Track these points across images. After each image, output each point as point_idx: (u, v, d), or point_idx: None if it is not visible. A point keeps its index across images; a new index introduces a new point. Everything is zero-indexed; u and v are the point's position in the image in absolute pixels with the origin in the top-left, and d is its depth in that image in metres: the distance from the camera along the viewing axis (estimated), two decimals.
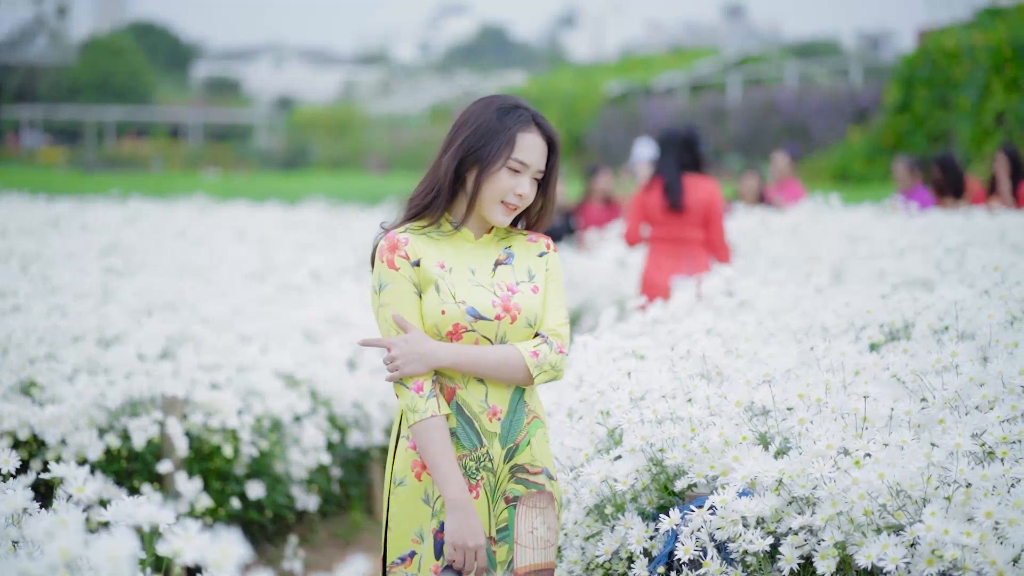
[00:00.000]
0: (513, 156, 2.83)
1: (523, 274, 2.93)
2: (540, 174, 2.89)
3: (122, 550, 1.77)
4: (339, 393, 5.78)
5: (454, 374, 2.85)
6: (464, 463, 2.85)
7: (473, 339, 2.84)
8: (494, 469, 2.88)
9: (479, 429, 2.86)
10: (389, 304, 2.82)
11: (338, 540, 5.79)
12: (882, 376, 3.43)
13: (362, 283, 7.97)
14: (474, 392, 2.85)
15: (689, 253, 7.44)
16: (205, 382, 5.02)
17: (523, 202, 2.88)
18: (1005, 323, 3.79)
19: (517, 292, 2.89)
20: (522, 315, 2.87)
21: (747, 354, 3.68)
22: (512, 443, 2.89)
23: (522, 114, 2.87)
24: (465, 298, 2.84)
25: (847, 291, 5.08)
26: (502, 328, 2.86)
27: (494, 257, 2.93)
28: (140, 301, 5.93)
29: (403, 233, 2.87)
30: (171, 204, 13.43)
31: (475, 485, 2.86)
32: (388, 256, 2.85)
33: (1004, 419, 2.95)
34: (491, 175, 2.83)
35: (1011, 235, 6.95)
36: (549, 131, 2.90)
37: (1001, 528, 2.63)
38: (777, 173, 11.69)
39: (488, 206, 2.87)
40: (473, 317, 2.83)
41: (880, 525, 2.79)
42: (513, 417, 2.89)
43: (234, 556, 1.79)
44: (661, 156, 7.41)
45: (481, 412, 2.86)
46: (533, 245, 2.99)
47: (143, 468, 4.84)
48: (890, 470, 2.77)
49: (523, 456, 2.91)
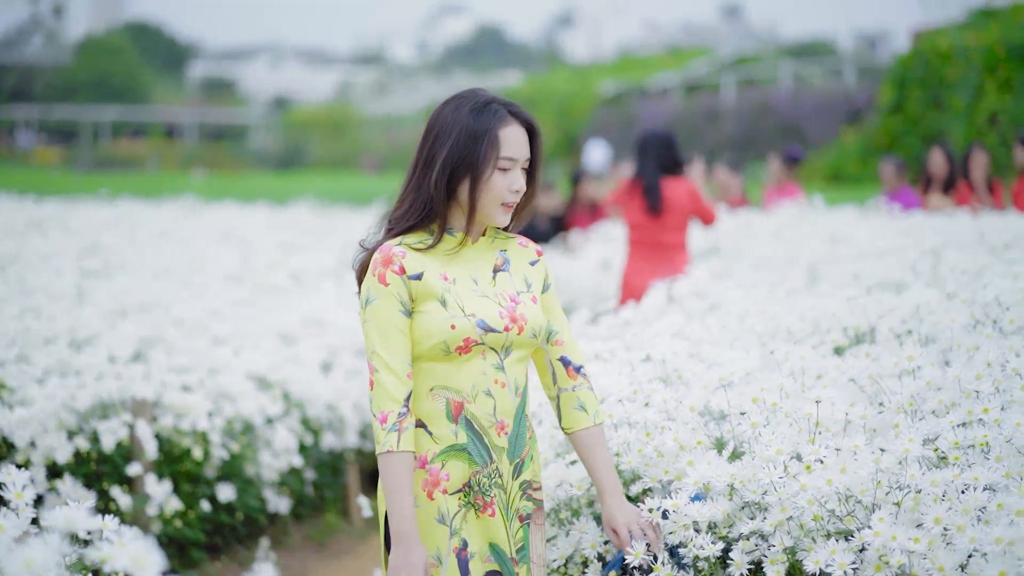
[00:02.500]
0: (501, 155, 2.75)
1: (521, 283, 2.87)
2: (527, 163, 2.82)
3: (38, 558, 1.76)
4: (313, 395, 5.77)
5: (462, 386, 2.75)
6: (478, 480, 2.76)
7: (481, 351, 2.76)
8: (504, 486, 2.80)
9: (489, 444, 2.77)
10: (371, 320, 2.73)
11: (312, 543, 5.77)
12: (842, 380, 3.42)
13: (343, 285, 7.96)
14: (483, 405, 2.76)
15: (668, 257, 7.46)
16: (176, 384, 5.01)
17: (519, 196, 2.81)
18: (969, 326, 3.79)
19: (520, 303, 2.83)
20: (528, 326, 2.80)
21: (709, 358, 3.68)
22: (518, 458, 2.82)
23: (497, 110, 2.78)
24: (474, 310, 2.75)
25: (817, 294, 5.08)
26: (510, 339, 2.78)
27: (491, 263, 2.86)
28: (115, 303, 5.91)
29: (399, 246, 2.77)
30: (159, 205, 13.41)
31: (490, 503, 2.77)
32: (380, 270, 2.74)
33: (957, 424, 2.93)
34: (484, 181, 2.75)
35: (989, 237, 6.94)
36: (526, 118, 2.82)
37: (950, 534, 2.62)
38: (773, 176, 11.65)
39: (489, 212, 2.79)
40: (483, 330, 2.74)
41: (830, 531, 2.78)
42: (518, 430, 2.82)
43: (150, 565, 1.77)
44: (641, 159, 7.41)
45: (490, 426, 2.77)
46: (524, 251, 2.93)
47: (113, 471, 4.83)
48: (839, 475, 2.76)
49: (528, 471, 2.85)
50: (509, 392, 2.79)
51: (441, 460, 2.74)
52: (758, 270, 7.30)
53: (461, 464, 2.75)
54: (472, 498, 2.76)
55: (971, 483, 2.70)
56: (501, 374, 2.78)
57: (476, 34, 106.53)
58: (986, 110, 17.80)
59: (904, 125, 20.15)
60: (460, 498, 2.75)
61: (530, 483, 2.85)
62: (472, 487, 2.76)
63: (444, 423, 2.75)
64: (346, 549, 5.70)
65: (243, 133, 49.01)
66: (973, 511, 2.63)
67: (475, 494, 2.76)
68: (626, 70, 36.26)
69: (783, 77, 28.75)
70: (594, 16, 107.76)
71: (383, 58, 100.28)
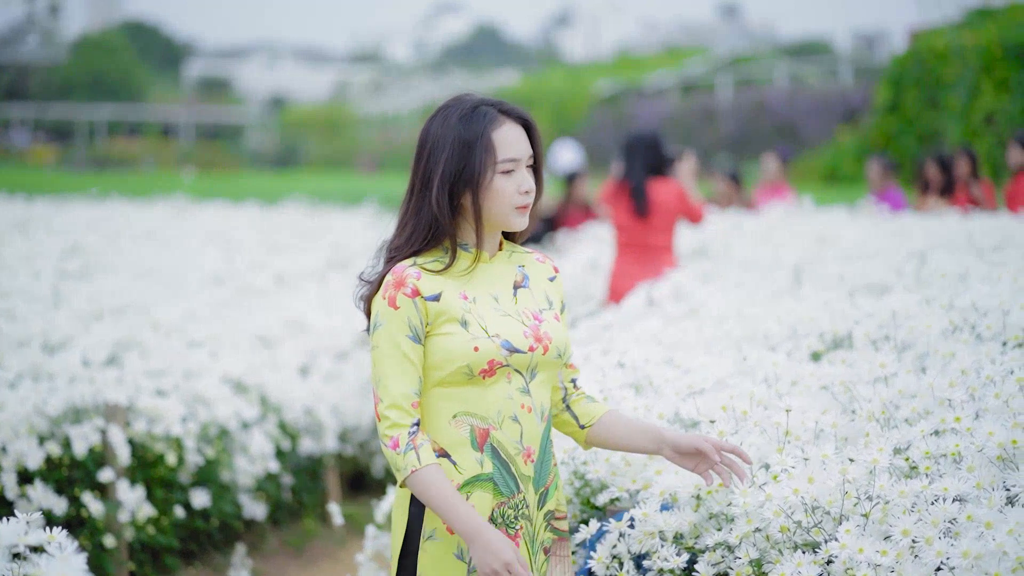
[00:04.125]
0: (500, 159, 2.61)
1: (543, 300, 2.73)
2: (531, 159, 2.66)
3: None
4: (290, 399, 5.70)
5: (488, 412, 2.59)
6: (503, 511, 2.59)
7: (506, 374, 2.60)
8: (531, 517, 2.64)
9: (515, 473, 2.61)
10: (378, 347, 2.58)
11: (290, 548, 5.72)
12: (816, 387, 3.36)
13: (327, 286, 7.90)
14: (509, 432, 2.60)
15: (654, 259, 7.41)
16: (150, 388, 4.95)
17: (531, 197, 2.65)
18: (948, 332, 3.73)
19: (543, 320, 2.68)
20: (553, 345, 2.66)
21: (683, 364, 3.62)
22: (543, 487, 2.67)
23: (486, 112, 2.63)
24: (498, 331, 2.60)
25: (799, 297, 5.02)
26: (535, 360, 2.63)
27: (511, 279, 2.71)
28: (91, 305, 5.85)
29: (413, 267, 2.60)
30: (151, 205, 13.33)
31: (515, 535, 2.61)
32: (391, 293, 2.57)
33: (929, 432, 2.88)
34: (488, 189, 2.61)
35: (978, 239, 6.89)
36: (519, 114, 2.67)
37: (918, 546, 2.56)
38: (767, 176, 11.60)
39: (502, 218, 2.63)
40: (508, 351, 2.59)
41: (797, 543, 2.73)
42: (543, 457, 2.66)
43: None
44: (627, 161, 7.37)
45: (517, 454, 2.61)
46: (542, 267, 2.78)
47: (85, 476, 4.77)
48: (806, 485, 2.71)
49: (552, 501, 2.71)
50: (535, 417, 2.64)
51: (466, 492, 2.57)
52: (746, 271, 7.25)
53: (486, 495, 2.58)
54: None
55: (941, 494, 2.64)
56: (527, 398, 2.63)
57: (473, 33, 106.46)
58: (982, 110, 17.75)
59: (900, 125, 20.10)
60: None
61: (553, 513, 2.71)
62: (495, 520, 2.59)
63: (469, 451, 2.59)
64: (325, 554, 5.64)
65: (239, 132, 48.94)
66: (942, 523, 2.57)
67: (499, 527, 2.59)
68: (623, 70, 36.20)
69: (779, 77, 28.70)
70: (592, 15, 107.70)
71: (380, 57, 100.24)
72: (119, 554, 4.74)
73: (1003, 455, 2.75)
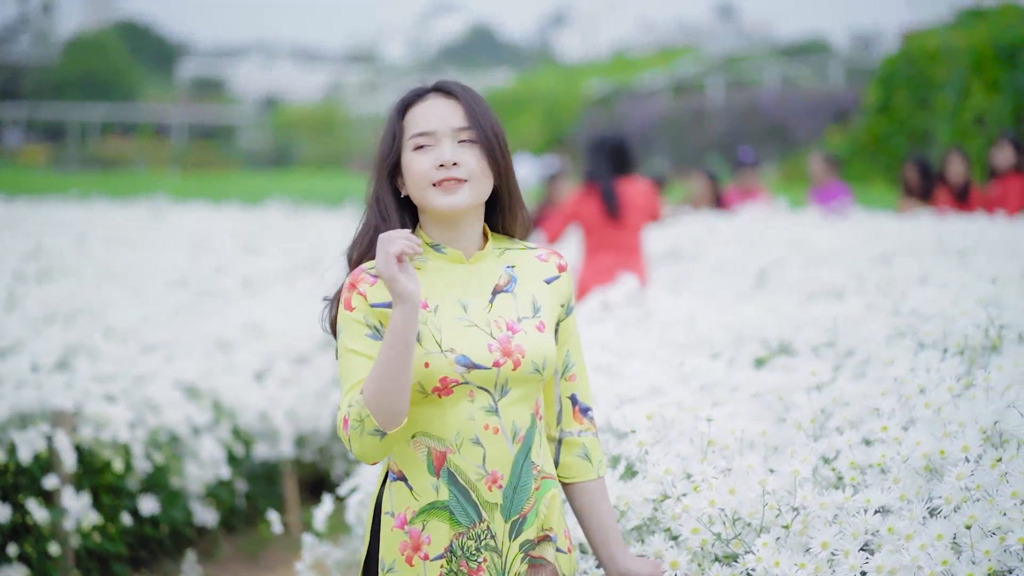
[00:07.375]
0: (410, 134, 2.41)
1: (527, 307, 2.45)
2: (467, 133, 2.40)
3: None
4: (245, 404, 5.64)
5: (445, 433, 2.37)
6: (462, 543, 2.36)
7: (467, 392, 2.36)
8: (498, 548, 2.39)
9: (477, 501, 2.37)
10: (340, 355, 2.38)
11: (244, 555, 5.65)
12: (752, 395, 3.31)
13: (293, 289, 7.83)
14: (469, 456, 2.36)
15: (625, 259, 7.38)
16: (98, 394, 4.88)
17: (460, 171, 2.38)
18: (892, 337, 3.68)
19: (519, 331, 2.41)
20: (527, 359, 2.39)
21: (620, 371, 3.56)
22: (518, 514, 2.40)
23: (412, 91, 2.47)
24: (454, 344, 2.36)
25: (754, 302, 4.96)
26: (503, 376, 2.37)
27: (492, 281, 2.45)
28: (44, 309, 5.78)
29: (370, 272, 2.39)
30: (127, 206, 13.25)
31: (477, 570, 2.37)
32: (346, 295, 2.39)
33: (857, 442, 2.81)
34: (406, 167, 2.41)
35: (948, 241, 6.85)
36: (447, 87, 2.45)
37: (836, 560, 2.50)
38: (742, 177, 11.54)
39: (423, 198, 2.40)
40: (465, 367, 2.35)
41: (718, 555, 2.67)
42: (518, 483, 2.40)
43: None
44: (593, 163, 7.36)
45: (479, 480, 2.37)
46: (541, 266, 2.51)
47: (30, 483, 4.70)
48: (728, 497, 2.65)
49: (532, 530, 2.43)
50: (504, 438, 2.39)
51: (422, 520, 2.38)
52: (716, 274, 7.20)
53: (443, 525, 2.37)
54: (455, 565, 2.37)
55: (864, 505, 2.58)
56: (493, 418, 2.38)
57: (469, 33, 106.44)
58: (972, 110, 17.72)
59: (890, 125, 20.09)
60: (443, 565, 2.37)
61: (532, 542, 2.43)
62: (455, 551, 2.37)
63: (424, 476, 2.38)
64: (280, 561, 5.58)
65: (233, 132, 48.84)
66: (862, 535, 2.51)
67: (458, 560, 2.37)
68: (617, 70, 36.14)
69: (771, 78, 28.66)
70: (588, 15, 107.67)
71: (376, 57, 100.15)
72: (65, 561, 4.67)
73: (929, 465, 2.68)
